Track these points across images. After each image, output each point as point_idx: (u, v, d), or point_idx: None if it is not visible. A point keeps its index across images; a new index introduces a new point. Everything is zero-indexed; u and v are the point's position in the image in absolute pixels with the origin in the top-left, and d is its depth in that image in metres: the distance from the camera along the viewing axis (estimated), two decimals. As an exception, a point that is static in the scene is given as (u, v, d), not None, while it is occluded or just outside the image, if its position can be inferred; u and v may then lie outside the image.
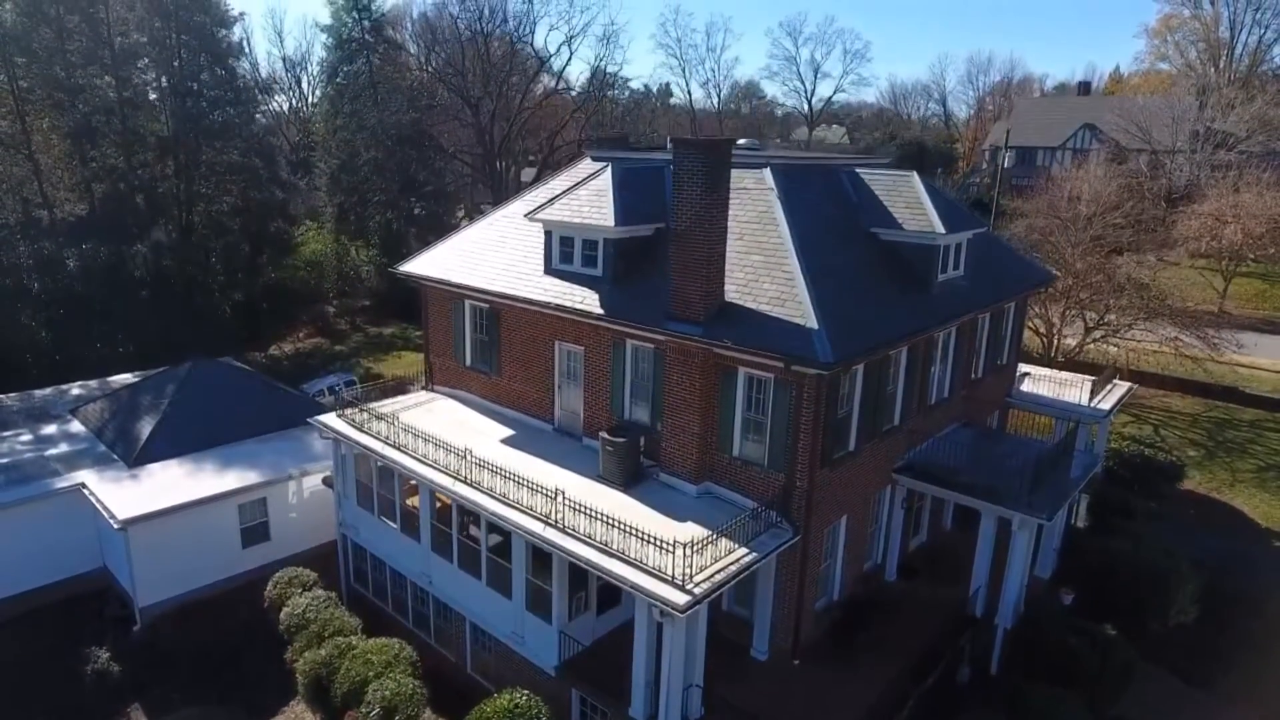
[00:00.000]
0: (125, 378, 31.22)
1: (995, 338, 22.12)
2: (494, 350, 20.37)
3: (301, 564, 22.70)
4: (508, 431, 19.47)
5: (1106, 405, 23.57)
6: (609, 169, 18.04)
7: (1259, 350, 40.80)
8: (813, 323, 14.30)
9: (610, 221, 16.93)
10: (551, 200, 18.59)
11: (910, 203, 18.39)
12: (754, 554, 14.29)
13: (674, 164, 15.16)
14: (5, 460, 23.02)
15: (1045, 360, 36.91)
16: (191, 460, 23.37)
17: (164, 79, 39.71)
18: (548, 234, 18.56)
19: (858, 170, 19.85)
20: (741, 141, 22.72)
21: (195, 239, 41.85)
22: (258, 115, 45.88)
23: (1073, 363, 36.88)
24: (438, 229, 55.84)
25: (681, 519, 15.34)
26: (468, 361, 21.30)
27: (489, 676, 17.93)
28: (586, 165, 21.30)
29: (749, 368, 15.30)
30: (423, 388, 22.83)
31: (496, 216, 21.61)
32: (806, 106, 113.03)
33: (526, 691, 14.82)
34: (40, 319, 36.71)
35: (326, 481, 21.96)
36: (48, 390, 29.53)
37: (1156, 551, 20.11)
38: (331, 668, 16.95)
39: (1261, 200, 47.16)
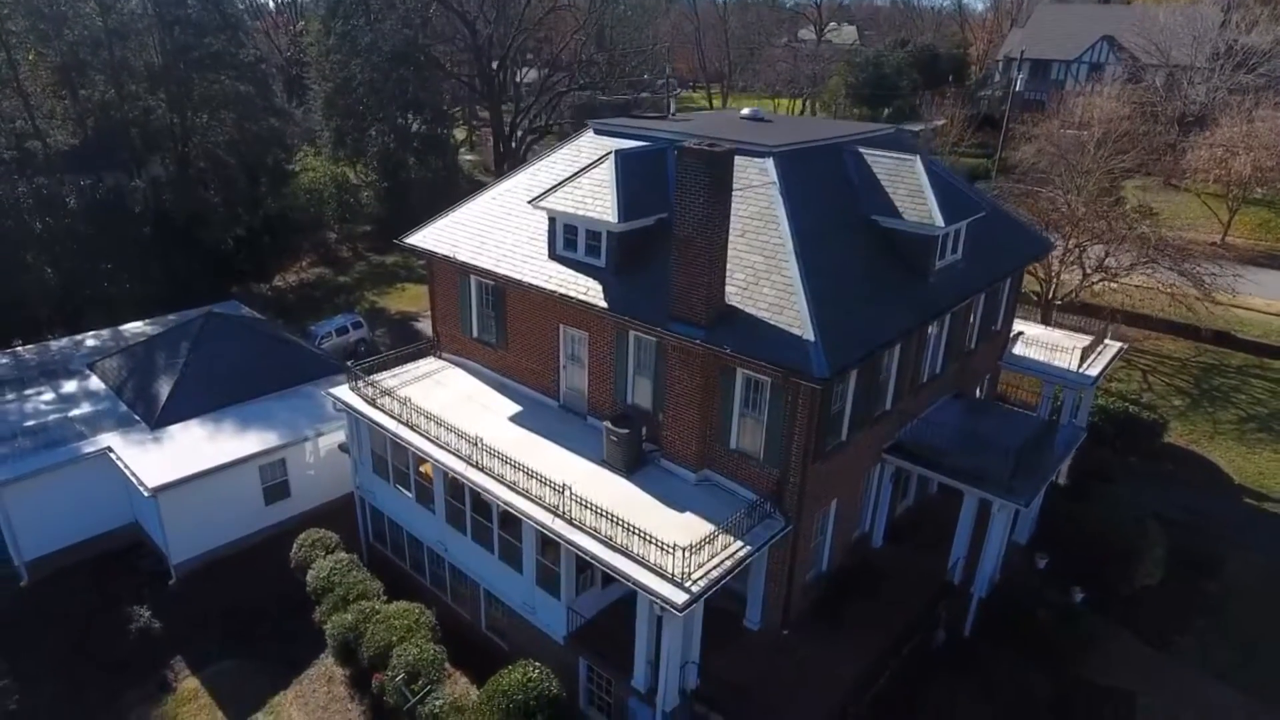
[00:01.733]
0: (137, 326, 31.89)
1: (990, 309, 22.60)
2: (500, 326, 20.92)
3: (320, 518, 24.18)
4: (515, 408, 20.27)
5: (1094, 371, 24.29)
6: (611, 159, 18.06)
7: (1257, 287, 41.05)
8: (810, 334, 14.84)
9: (613, 218, 17.16)
10: (554, 188, 18.69)
11: (911, 190, 18.50)
12: (748, 547, 15.38)
13: (677, 172, 15.29)
14: (32, 423, 23.96)
15: (1043, 303, 37.46)
16: (211, 421, 24.33)
17: (150, 5, 38.31)
18: (551, 220, 18.78)
19: (861, 150, 19.81)
20: (745, 112, 22.53)
21: (193, 173, 41.41)
22: (248, 43, 44.27)
23: (1070, 305, 37.43)
24: (437, 148, 55.04)
25: (681, 509, 16.36)
26: (475, 333, 21.87)
27: (503, 636, 19.46)
28: (589, 140, 21.21)
29: (748, 369, 15.94)
30: (431, 353, 23.43)
31: (501, 190, 21.67)
32: (816, 8, 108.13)
33: (538, 664, 16.23)
34: (45, 258, 36.88)
35: (342, 447, 22.94)
36: (63, 341, 30.23)
37: (1128, 518, 21.32)
38: (358, 632, 18.41)
39: (1275, 129, 46.29)
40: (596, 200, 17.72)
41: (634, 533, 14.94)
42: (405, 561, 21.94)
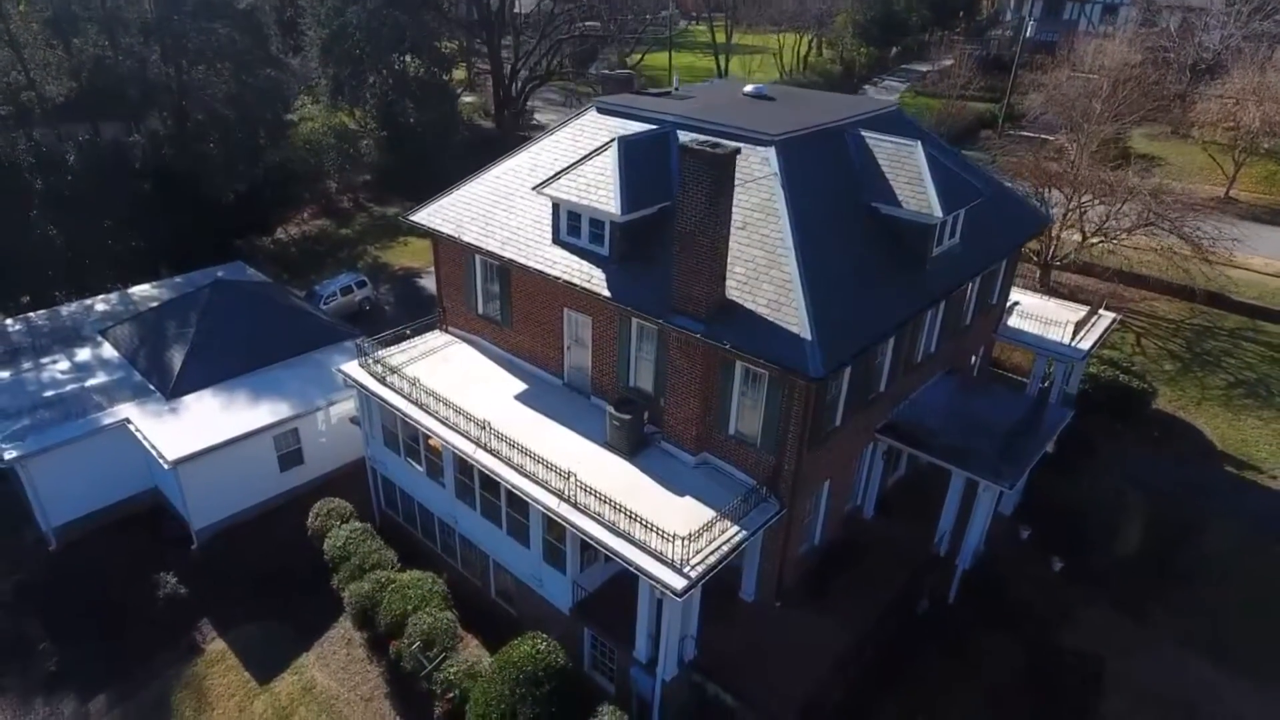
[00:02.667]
0: (145, 289, 32.28)
1: (987, 286, 23.01)
2: (505, 305, 21.37)
3: (332, 483, 25.22)
4: (520, 386, 20.90)
5: (1086, 345, 24.84)
6: (614, 148, 18.22)
7: (1258, 244, 41.18)
8: (807, 333, 15.35)
9: (616, 211, 17.45)
10: (558, 175, 18.88)
11: (912, 178, 18.71)
12: (744, 532, 16.24)
13: (681, 170, 15.54)
14: (51, 393, 24.64)
15: (1042, 263, 37.70)
16: (224, 391, 25.01)
17: (139, -48, 37.47)
18: (555, 206, 19.05)
19: (863, 134, 19.90)
20: (748, 89, 22.47)
21: (191, 126, 41.09)
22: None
23: (1068, 264, 37.71)
24: (436, 93, 54.16)
25: (680, 493, 17.17)
26: (480, 310, 22.34)
27: (511, 602, 20.57)
28: (592, 120, 21.24)
29: (746, 362, 16.49)
30: (437, 327, 23.92)
31: (505, 169, 21.79)
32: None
33: (546, 637, 17.30)
34: (48, 217, 36.94)
35: (354, 420, 23.66)
36: (74, 306, 30.66)
37: (1108, 491, 22.19)
38: (374, 601, 19.48)
39: (1288, 83, 45.63)
40: (600, 190, 17.97)
41: (636, 520, 15.75)
42: (416, 529, 22.93)
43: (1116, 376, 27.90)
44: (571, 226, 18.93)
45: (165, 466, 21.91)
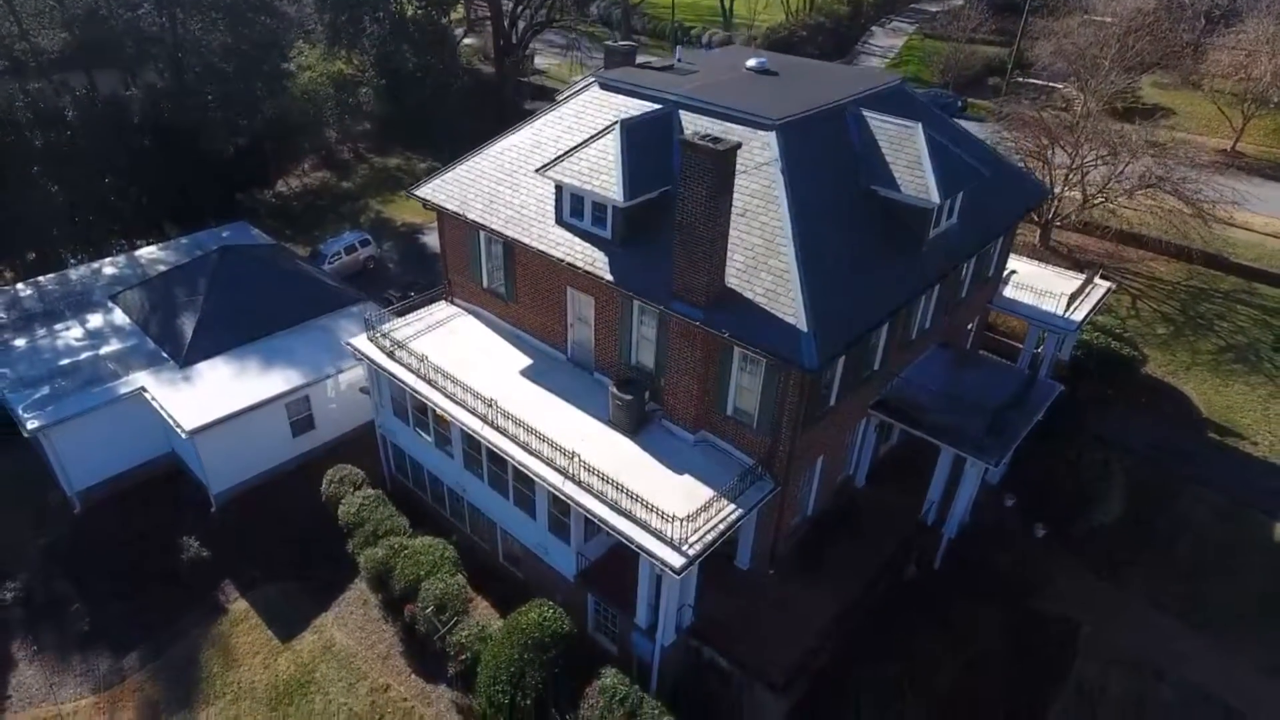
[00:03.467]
0: (151, 251, 32.60)
1: (983, 261, 23.37)
2: (509, 280, 21.80)
3: (343, 446, 26.14)
4: (525, 361, 21.50)
5: (1079, 316, 25.32)
6: (617, 131, 18.39)
7: (1261, 202, 41.09)
8: (803, 324, 15.86)
9: (619, 196, 17.74)
10: (561, 157, 19.08)
11: (911, 161, 18.91)
12: (740, 510, 17.07)
13: (682, 163, 15.81)
14: (66, 362, 25.29)
15: (1043, 222, 37.78)
16: (235, 358, 25.65)
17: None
18: (558, 188, 19.32)
19: (865, 114, 20.00)
20: (751, 63, 22.36)
21: (189, 79, 40.61)
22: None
23: (1067, 225, 37.80)
24: (434, 38, 53.10)
25: (680, 471, 17.97)
26: (485, 283, 22.77)
27: (518, 566, 21.63)
28: (595, 97, 21.27)
29: (744, 349, 17.05)
30: (443, 298, 24.37)
31: (508, 144, 21.91)
32: None
33: (552, 604, 18.32)
34: (49, 174, 36.93)
35: (363, 390, 24.35)
36: (83, 270, 31.02)
37: (1092, 461, 22.99)
38: (388, 566, 20.52)
39: (1302, 35, 44.76)
40: (603, 175, 18.22)
41: (636, 500, 16.57)
42: (426, 494, 23.86)
43: (1108, 344, 28.42)
44: (574, 208, 19.24)
45: (183, 436, 22.70)
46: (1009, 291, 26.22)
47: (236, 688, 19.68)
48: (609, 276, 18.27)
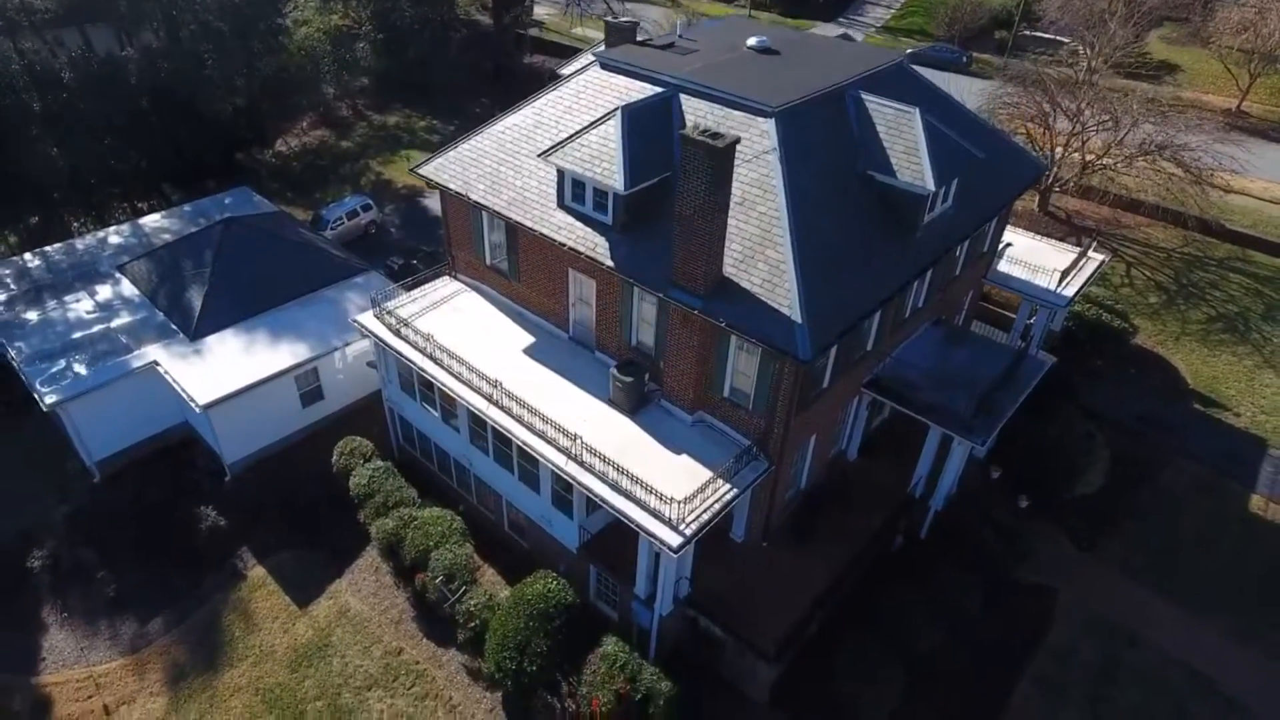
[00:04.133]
0: (155, 219, 32.83)
1: (978, 238, 23.72)
2: (512, 259, 22.22)
3: (351, 415, 26.90)
4: (528, 339, 22.07)
5: (1070, 291, 25.81)
6: (618, 119, 18.60)
7: (1262, 164, 40.94)
8: (797, 315, 16.39)
9: (620, 185, 18.06)
10: (563, 143, 19.32)
11: (908, 147, 19.16)
12: (735, 490, 17.89)
13: (681, 157, 16.13)
14: (79, 335, 25.84)
15: (1043, 188, 37.82)
16: (244, 331, 26.21)
17: None
18: (560, 173, 19.61)
19: (864, 98, 20.15)
20: (751, 42, 22.33)
21: (185, 39, 40.12)
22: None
23: (1066, 190, 37.85)
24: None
25: (678, 451, 18.72)
26: (488, 260, 23.19)
27: (522, 535, 22.58)
28: (596, 77, 21.34)
29: (741, 338, 17.62)
30: (447, 273, 24.78)
31: (510, 123, 22.03)
32: None
33: (556, 576, 19.29)
34: (49, 137, 36.87)
35: (371, 364, 24.97)
36: (89, 239, 31.29)
37: (1077, 434, 23.74)
38: (399, 537, 21.46)
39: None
40: (604, 162, 18.51)
41: (636, 481, 17.35)
42: (433, 464, 24.70)
43: (1099, 315, 28.99)
44: (576, 194, 19.57)
45: (197, 410, 23.42)
46: (1003, 265, 26.66)
47: (258, 650, 20.80)
48: (610, 263, 18.72)
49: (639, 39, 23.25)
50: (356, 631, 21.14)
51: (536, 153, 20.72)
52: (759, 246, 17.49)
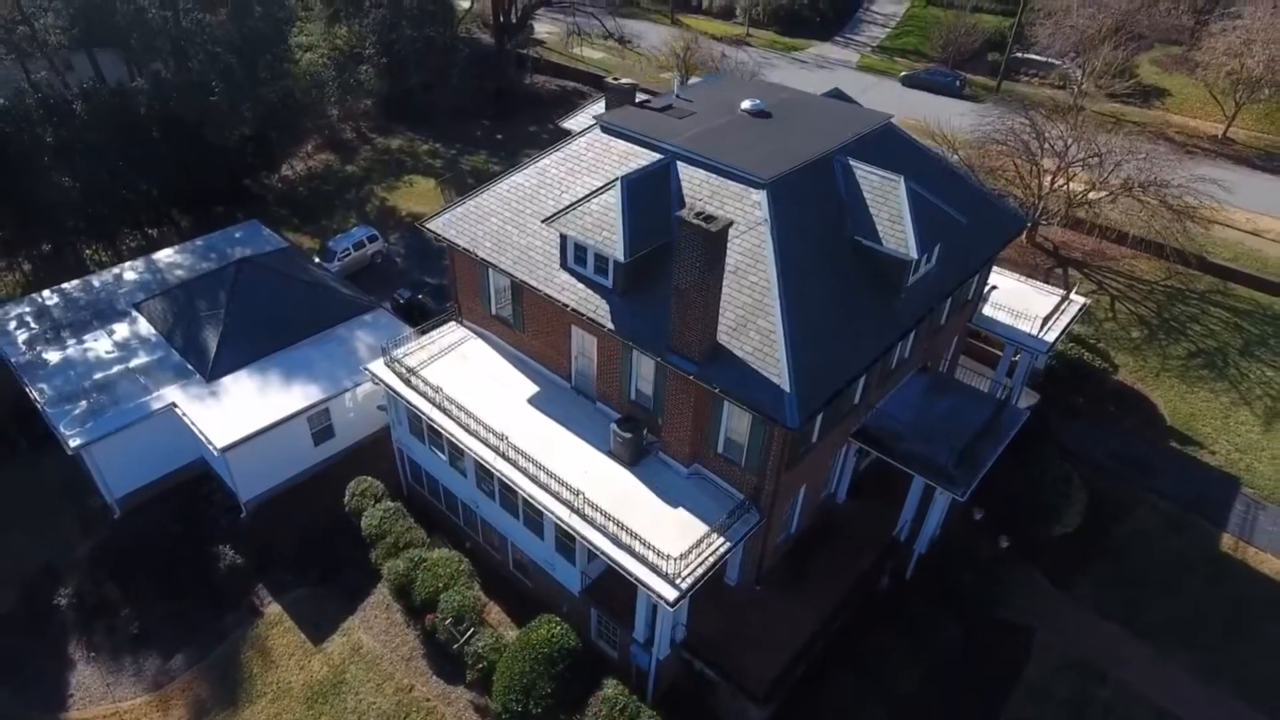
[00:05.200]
0: (169, 254, 33.78)
1: (962, 291, 24.80)
2: (517, 311, 23.28)
3: (360, 452, 28.02)
4: (532, 388, 23.13)
5: (1051, 337, 26.91)
6: (618, 188, 19.67)
7: (1246, 193, 42.21)
8: (786, 384, 17.48)
9: (620, 254, 19.13)
10: (566, 210, 20.36)
11: (893, 215, 20.23)
12: (729, 543, 18.99)
13: (678, 238, 17.19)
14: (99, 375, 26.90)
15: (1031, 220, 38.80)
16: (258, 371, 27.28)
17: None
18: (563, 237, 20.67)
19: (852, 164, 21.21)
20: (745, 105, 23.35)
21: (193, 66, 41.07)
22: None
23: (1053, 222, 38.88)
24: (434, 16, 52.97)
25: (674, 504, 19.82)
26: (493, 310, 24.25)
27: (527, 575, 23.70)
28: (597, 140, 22.38)
29: (734, 404, 18.71)
30: (454, 319, 25.82)
31: (515, 182, 23.07)
32: None
33: (560, 621, 20.42)
34: (62, 168, 37.82)
35: (381, 408, 26.04)
36: (105, 276, 32.23)
37: (1055, 477, 24.84)
38: (409, 578, 22.56)
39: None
40: (605, 231, 19.57)
41: (635, 537, 18.46)
42: (440, 503, 25.80)
43: (1081, 355, 30.10)
44: (578, 257, 20.63)
45: (215, 452, 24.49)
46: (988, 309, 27.74)
47: (275, 687, 21.92)
48: (610, 325, 19.79)
49: (638, 99, 24.24)
50: (369, 669, 22.26)
51: (540, 212, 21.85)
52: (751, 315, 18.58)
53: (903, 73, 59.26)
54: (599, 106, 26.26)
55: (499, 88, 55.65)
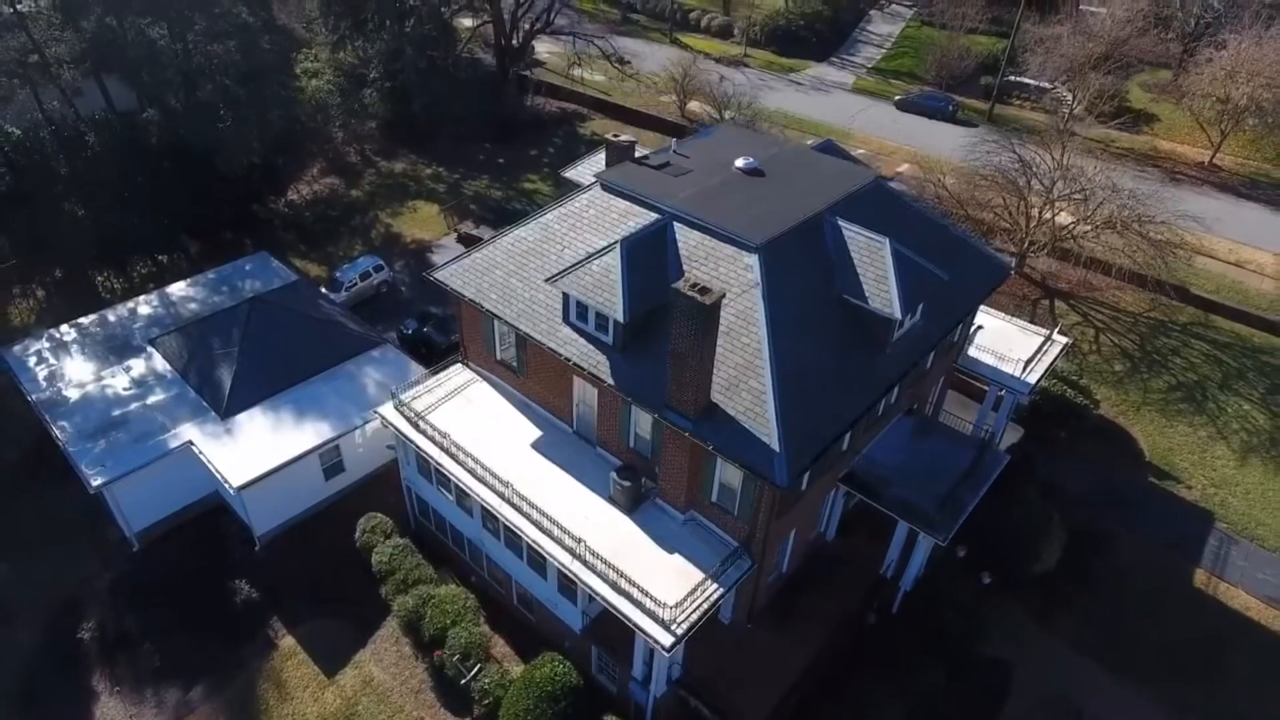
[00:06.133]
0: (181, 288, 34.74)
1: (946, 340, 25.90)
2: (521, 358, 24.36)
3: (369, 484, 29.03)
4: (535, 432, 24.21)
5: (1033, 379, 27.99)
6: (617, 251, 20.75)
7: (1229, 223, 43.33)
8: (775, 444, 18.56)
9: (620, 316, 20.21)
10: (568, 270, 21.41)
11: (878, 276, 21.32)
12: (721, 588, 20.11)
13: (673, 307, 18.26)
14: (117, 413, 27.96)
15: (1019, 252, 39.92)
16: (271, 409, 28.34)
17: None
18: (566, 295, 21.74)
19: (840, 224, 22.28)
20: (740, 164, 24.40)
21: (203, 99, 42.03)
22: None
23: (1041, 253, 39.96)
24: (437, 42, 53.96)
25: (670, 550, 20.93)
26: (498, 356, 25.33)
27: (530, 610, 24.79)
28: (598, 198, 23.46)
29: (726, 461, 19.79)
30: (460, 361, 26.89)
31: (520, 235, 24.09)
32: None
33: (563, 660, 21.52)
34: (76, 199, 38.83)
35: (391, 448, 27.11)
36: (121, 310, 33.19)
37: (1035, 516, 25.97)
38: (418, 615, 23.66)
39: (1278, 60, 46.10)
40: (605, 291, 20.63)
41: (634, 585, 19.56)
42: (447, 538, 26.88)
43: (1064, 391, 31.22)
44: (580, 314, 21.70)
45: (232, 491, 25.57)
46: (972, 350, 28.82)
47: (291, 719, 23.00)
48: (610, 381, 20.87)
49: (636, 156, 25.29)
50: (380, 701, 23.35)
51: (544, 266, 22.91)
52: (743, 375, 19.67)
53: (897, 96, 60.34)
54: (599, 157, 27.26)
55: (500, 113, 56.56)
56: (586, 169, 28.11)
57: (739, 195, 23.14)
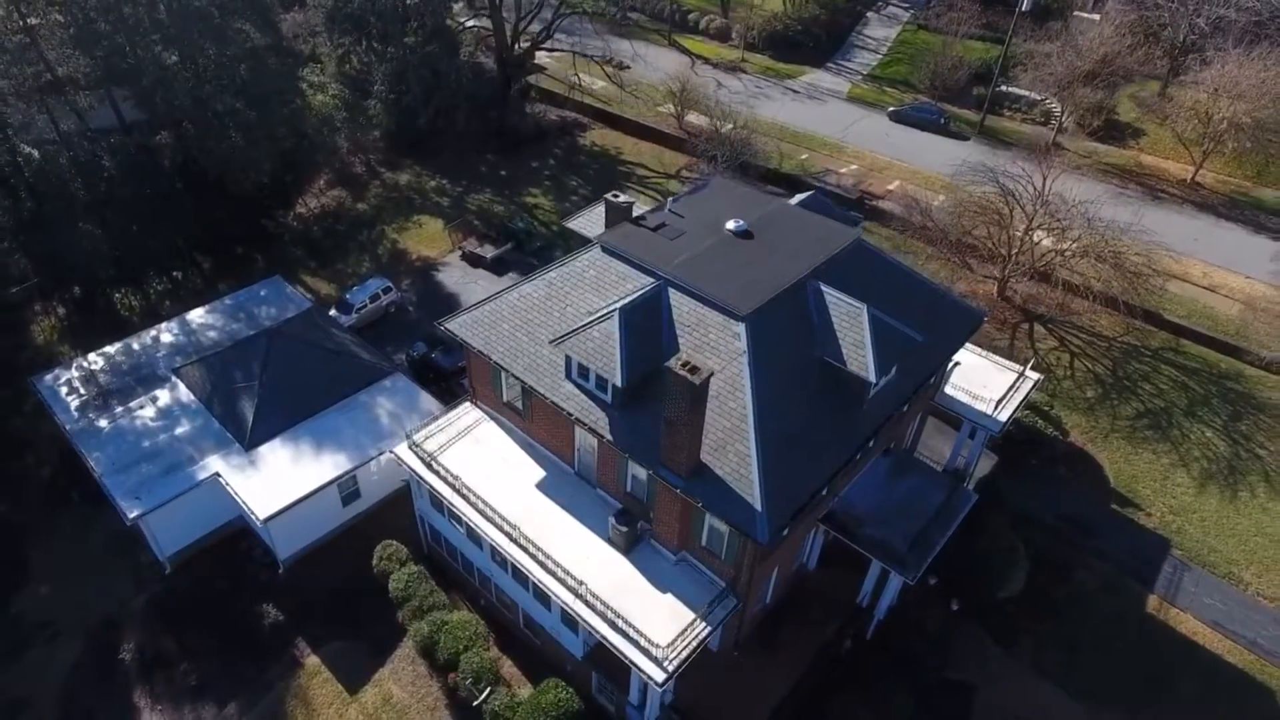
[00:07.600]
0: (200, 315, 36.51)
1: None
2: (526, 404, 26.25)
3: (383, 509, 31.10)
4: (539, 472, 26.19)
5: (1004, 416, 29.95)
6: (616, 318, 22.56)
7: (1207, 244, 45.02)
8: (758, 504, 20.56)
9: (619, 380, 22.08)
10: (570, 334, 23.18)
11: (856, 341, 23.16)
12: (709, 626, 22.26)
13: (666, 384, 20.13)
14: (147, 444, 29.91)
15: (1001, 276, 41.62)
16: (290, 440, 30.31)
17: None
18: (568, 356, 23.58)
19: (823, 289, 24.07)
20: (730, 226, 26.06)
21: (213, 120, 43.27)
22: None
23: (1022, 278, 41.70)
24: (440, 56, 54.91)
25: (664, 590, 23.04)
26: (504, 399, 27.23)
27: (536, 636, 26.99)
28: (598, 259, 25.19)
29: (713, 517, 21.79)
30: (469, 400, 28.77)
31: (526, 291, 25.85)
32: None
33: (567, 686, 23.73)
34: (93, 221, 40.36)
35: (405, 482, 29.10)
36: (144, 338, 34.97)
37: (1001, 546, 28.10)
38: (433, 640, 25.84)
39: (1259, 82, 47.36)
40: (605, 357, 22.46)
41: (630, 625, 21.69)
42: (458, 565, 29.00)
43: (1035, 422, 33.21)
44: (581, 373, 23.55)
45: (259, 523, 27.60)
46: (948, 388, 30.73)
47: (317, 736, 25.31)
48: (609, 437, 22.80)
49: (634, 215, 26.91)
50: (400, 718, 25.60)
51: (548, 322, 24.71)
52: (729, 439, 21.61)
53: (890, 107, 61.54)
54: (598, 210, 28.82)
55: (502, 123, 57.66)
56: (587, 221, 29.79)
57: (729, 259, 24.88)
